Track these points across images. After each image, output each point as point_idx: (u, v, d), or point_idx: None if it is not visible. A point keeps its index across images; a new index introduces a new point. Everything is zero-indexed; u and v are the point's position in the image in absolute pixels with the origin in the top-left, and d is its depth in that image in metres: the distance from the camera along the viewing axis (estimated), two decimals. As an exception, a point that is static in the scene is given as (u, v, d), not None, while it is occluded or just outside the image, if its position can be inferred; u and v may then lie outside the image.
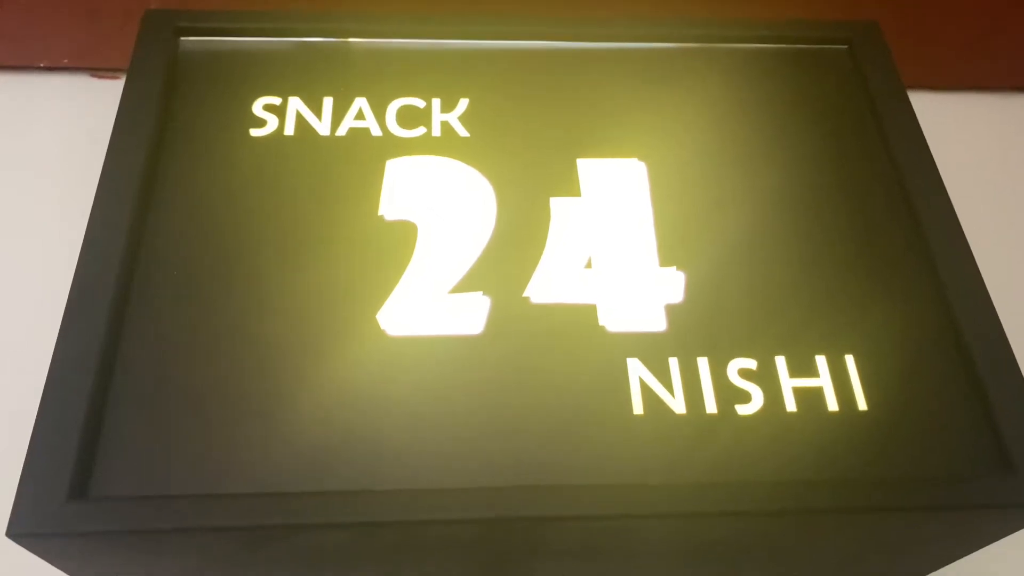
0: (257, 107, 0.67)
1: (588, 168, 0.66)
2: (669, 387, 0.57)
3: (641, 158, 0.67)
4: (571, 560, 0.59)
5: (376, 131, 0.67)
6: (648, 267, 0.62)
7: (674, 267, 0.62)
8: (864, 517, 0.55)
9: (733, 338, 0.59)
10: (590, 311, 0.60)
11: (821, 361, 0.58)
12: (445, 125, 0.67)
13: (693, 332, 0.59)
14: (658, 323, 0.59)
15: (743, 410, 0.56)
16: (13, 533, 0.49)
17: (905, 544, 0.60)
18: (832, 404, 0.57)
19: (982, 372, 0.58)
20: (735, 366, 0.58)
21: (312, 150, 0.66)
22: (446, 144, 0.67)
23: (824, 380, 0.58)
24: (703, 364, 0.58)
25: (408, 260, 0.61)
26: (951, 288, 0.61)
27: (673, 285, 0.61)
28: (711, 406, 0.56)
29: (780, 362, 0.58)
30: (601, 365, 0.58)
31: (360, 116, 0.68)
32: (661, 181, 0.66)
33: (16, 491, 0.51)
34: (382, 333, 0.58)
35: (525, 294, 0.60)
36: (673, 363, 0.58)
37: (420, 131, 0.67)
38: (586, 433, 0.55)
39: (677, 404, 0.56)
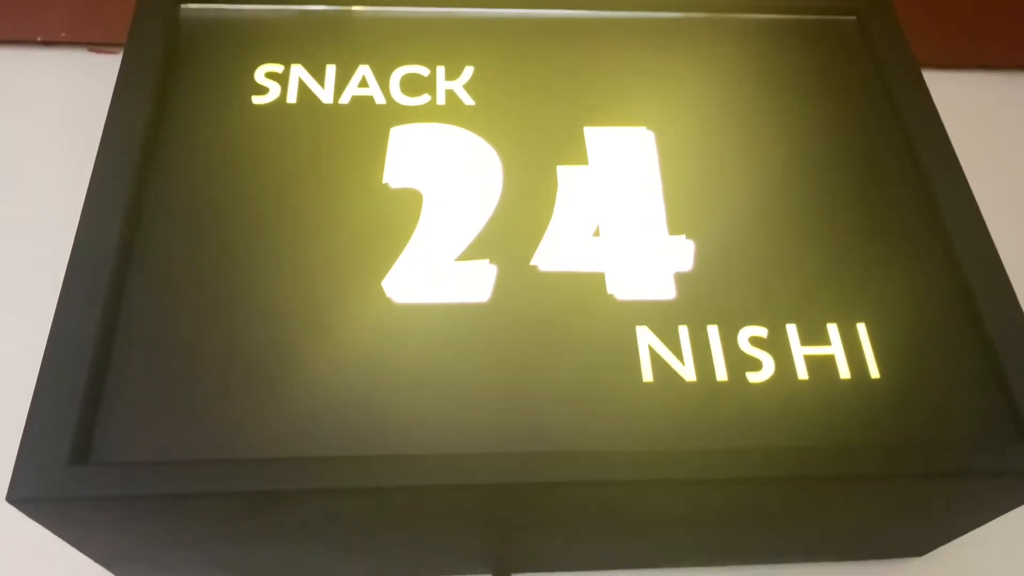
0: (259, 75, 0.66)
1: (595, 136, 0.65)
2: (679, 355, 0.56)
3: (649, 127, 0.66)
4: (580, 529, 0.58)
5: (380, 99, 0.66)
6: (657, 235, 0.61)
7: (683, 235, 0.61)
8: (876, 484, 0.54)
9: (743, 306, 0.58)
10: (598, 279, 0.59)
11: (832, 329, 0.58)
12: (450, 93, 0.67)
13: (703, 300, 0.58)
14: (667, 291, 0.59)
15: (754, 377, 0.56)
16: (14, 498, 0.49)
17: (917, 513, 0.60)
18: (844, 372, 0.56)
19: (995, 340, 0.57)
20: (746, 334, 0.57)
21: (315, 118, 0.65)
22: (451, 112, 0.66)
23: (836, 348, 0.57)
24: (713, 332, 0.57)
25: (413, 228, 0.60)
26: (964, 256, 0.60)
27: (682, 253, 0.60)
28: (721, 374, 0.56)
29: (791, 330, 0.57)
30: (610, 333, 0.57)
31: (363, 84, 0.67)
32: (670, 150, 0.65)
33: (16, 456, 0.50)
34: (388, 300, 0.57)
35: (532, 262, 0.59)
36: (683, 331, 0.57)
37: (424, 99, 0.66)
38: (595, 400, 0.54)
39: (687, 372, 0.56)
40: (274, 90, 0.66)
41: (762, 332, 0.57)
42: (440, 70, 0.68)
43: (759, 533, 0.61)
